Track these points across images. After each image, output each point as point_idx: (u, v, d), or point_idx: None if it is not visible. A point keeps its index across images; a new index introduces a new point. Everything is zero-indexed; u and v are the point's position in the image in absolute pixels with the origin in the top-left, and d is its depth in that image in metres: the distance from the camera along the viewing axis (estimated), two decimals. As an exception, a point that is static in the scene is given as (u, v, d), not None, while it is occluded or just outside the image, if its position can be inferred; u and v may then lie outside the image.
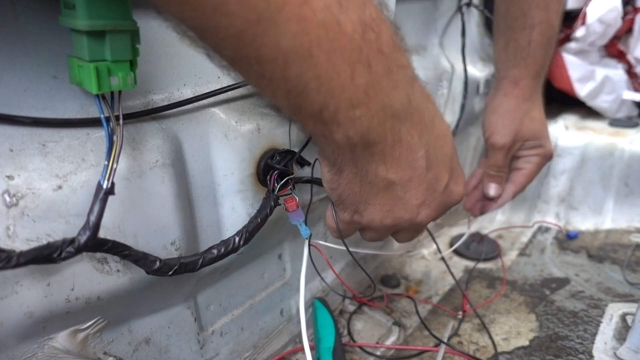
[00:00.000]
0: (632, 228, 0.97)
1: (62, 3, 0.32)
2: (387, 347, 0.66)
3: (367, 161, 0.35)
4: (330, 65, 0.28)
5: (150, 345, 0.48)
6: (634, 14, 1.10)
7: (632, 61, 1.13)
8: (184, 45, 0.43)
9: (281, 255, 0.64)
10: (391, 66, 0.31)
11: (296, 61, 0.28)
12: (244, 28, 0.26)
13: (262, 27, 0.26)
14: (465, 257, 0.90)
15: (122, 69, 0.33)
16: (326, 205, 0.46)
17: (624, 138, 1.00)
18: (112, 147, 0.33)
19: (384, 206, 0.39)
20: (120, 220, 0.38)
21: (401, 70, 0.32)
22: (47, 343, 0.39)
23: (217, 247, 0.44)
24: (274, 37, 0.26)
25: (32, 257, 0.30)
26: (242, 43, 0.27)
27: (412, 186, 0.37)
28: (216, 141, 0.45)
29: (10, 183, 0.32)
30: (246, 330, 0.60)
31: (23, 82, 0.34)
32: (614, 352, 0.59)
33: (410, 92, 0.34)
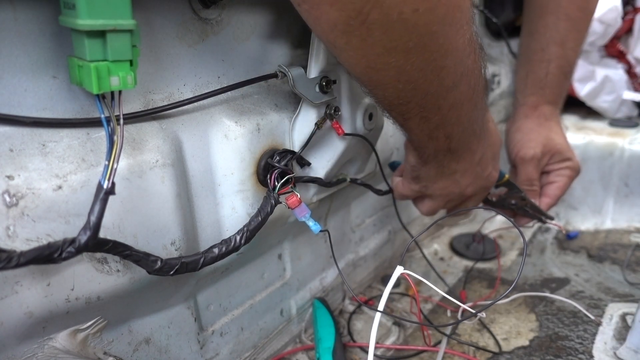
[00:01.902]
0: (632, 228, 0.97)
1: (62, 3, 0.32)
2: (387, 347, 0.66)
3: (447, 159, 0.52)
4: (467, 105, 0.45)
5: (150, 345, 0.48)
6: (634, 14, 1.10)
7: (632, 61, 1.13)
8: (184, 45, 0.43)
9: (281, 255, 0.64)
10: (481, 101, 0.47)
11: (455, 107, 0.44)
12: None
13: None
14: (465, 257, 0.90)
15: (122, 69, 0.33)
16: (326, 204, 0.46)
17: (624, 138, 1.00)
18: (113, 147, 0.33)
19: (445, 184, 0.56)
20: (121, 220, 0.38)
21: (482, 101, 0.47)
22: (47, 343, 0.39)
23: (218, 246, 0.44)
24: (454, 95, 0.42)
25: (33, 257, 0.30)
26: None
27: (467, 174, 0.55)
28: (216, 141, 0.45)
29: (10, 183, 0.32)
30: (246, 330, 0.60)
31: (23, 82, 0.34)
32: (614, 352, 0.59)
33: (483, 117, 0.51)
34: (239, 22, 0.48)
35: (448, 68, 0.38)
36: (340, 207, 0.73)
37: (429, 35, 0.34)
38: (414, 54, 0.35)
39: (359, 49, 0.34)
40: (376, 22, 0.31)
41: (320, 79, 0.48)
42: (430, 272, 0.85)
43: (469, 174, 0.55)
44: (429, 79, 0.38)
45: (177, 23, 0.42)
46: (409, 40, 0.34)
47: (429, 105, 0.42)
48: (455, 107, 0.43)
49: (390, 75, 0.37)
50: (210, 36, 0.45)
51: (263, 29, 0.50)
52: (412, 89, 0.39)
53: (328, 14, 0.32)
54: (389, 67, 0.36)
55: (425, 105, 0.42)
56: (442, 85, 0.40)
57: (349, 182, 0.61)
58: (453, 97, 0.42)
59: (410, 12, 0.32)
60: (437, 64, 0.37)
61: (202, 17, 0.44)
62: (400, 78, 0.38)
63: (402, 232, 0.93)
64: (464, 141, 0.50)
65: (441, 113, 0.43)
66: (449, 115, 0.44)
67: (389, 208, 0.87)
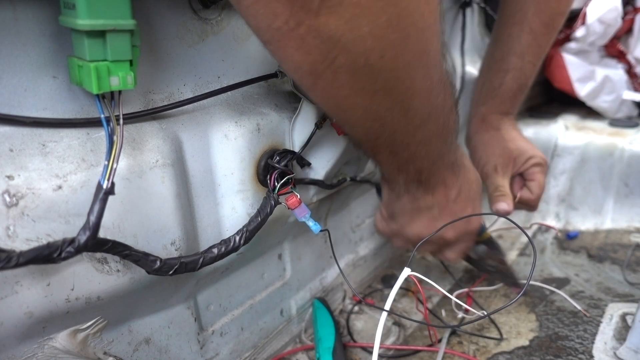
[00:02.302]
0: (632, 228, 0.97)
1: (62, 3, 0.32)
2: (387, 347, 0.66)
3: (420, 192, 0.52)
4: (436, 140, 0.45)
5: (150, 345, 0.48)
6: (634, 14, 1.10)
7: (632, 61, 1.13)
8: (184, 45, 0.43)
9: (281, 255, 0.64)
10: (452, 136, 0.48)
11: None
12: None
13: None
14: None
15: (122, 69, 0.33)
16: (326, 204, 0.46)
17: (624, 138, 1.00)
18: (112, 147, 0.33)
19: (422, 223, 0.56)
20: (120, 220, 0.38)
21: (452, 137, 0.48)
22: (47, 343, 0.39)
23: (218, 247, 0.44)
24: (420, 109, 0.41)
25: (32, 257, 0.30)
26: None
27: (444, 212, 0.54)
28: (216, 141, 0.45)
29: (10, 183, 0.32)
30: (246, 330, 0.60)
31: (23, 82, 0.34)
32: (614, 352, 0.59)
33: (456, 152, 0.52)
34: (239, 22, 0.48)
35: (415, 108, 0.39)
36: (340, 207, 0.73)
37: (394, 80, 0.35)
38: (381, 96, 0.36)
39: (326, 91, 0.35)
40: (343, 66, 0.32)
41: (320, 79, 0.48)
42: (430, 272, 0.85)
43: (446, 212, 0.54)
44: (396, 119, 0.39)
45: (177, 23, 0.42)
46: (375, 84, 0.34)
47: (397, 141, 0.43)
48: (424, 143, 0.44)
49: (358, 115, 0.38)
50: (210, 36, 0.45)
51: (263, 29, 0.50)
52: (380, 127, 0.40)
53: (293, 56, 0.31)
54: (356, 108, 0.37)
55: (393, 142, 0.43)
56: (410, 124, 0.41)
57: (349, 181, 0.61)
58: (421, 134, 0.43)
59: (376, 58, 0.32)
60: (404, 105, 0.38)
61: (202, 17, 0.44)
62: (367, 117, 0.39)
63: (402, 232, 0.93)
64: (435, 174, 0.50)
65: (410, 149, 0.44)
66: (417, 151, 0.45)
67: (389, 208, 0.87)
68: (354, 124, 0.41)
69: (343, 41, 0.30)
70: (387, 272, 0.85)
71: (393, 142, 0.43)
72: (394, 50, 0.32)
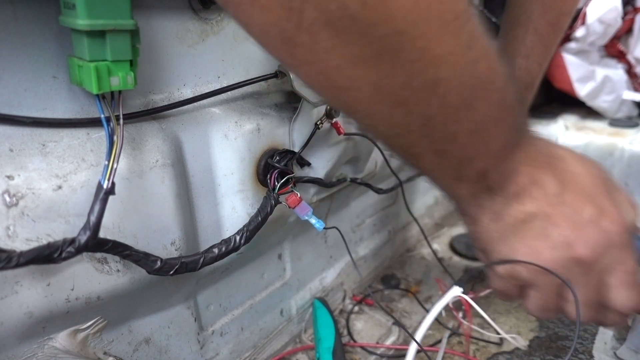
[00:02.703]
0: (632, 228, 0.97)
1: (62, 3, 0.32)
2: (387, 347, 0.66)
3: (499, 204, 0.36)
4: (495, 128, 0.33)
5: (150, 345, 0.48)
6: (634, 14, 1.10)
7: (632, 61, 1.13)
8: (184, 45, 0.44)
9: (281, 255, 0.64)
10: (517, 117, 0.34)
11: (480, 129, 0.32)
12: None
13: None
14: (465, 257, 0.90)
15: (122, 69, 0.33)
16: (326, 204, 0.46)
17: (624, 138, 1.00)
18: (112, 147, 0.33)
19: (530, 248, 0.36)
20: (120, 220, 0.38)
21: (520, 117, 0.35)
22: (47, 343, 0.39)
23: (218, 246, 0.44)
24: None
25: (33, 257, 0.30)
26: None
27: (556, 219, 0.35)
28: (216, 141, 0.45)
29: (10, 183, 0.32)
30: (246, 330, 0.60)
31: (23, 82, 0.34)
32: (614, 352, 0.59)
33: (531, 138, 0.36)
34: (239, 22, 0.48)
35: (446, 81, 0.29)
36: (340, 207, 0.73)
37: (395, 37, 0.25)
38: (387, 64, 0.26)
39: (310, 63, 0.27)
40: (316, 22, 0.24)
41: (320, 79, 0.48)
42: (430, 272, 0.85)
43: (558, 218, 0.35)
44: (424, 99, 0.29)
45: (177, 23, 0.42)
46: (370, 45, 0.25)
47: (438, 134, 0.31)
48: (477, 131, 0.32)
49: (366, 96, 0.28)
50: (210, 36, 0.45)
51: (263, 29, 0.50)
52: (405, 113, 0.29)
53: (253, 18, 0.25)
54: (359, 85, 0.27)
55: (432, 134, 0.31)
56: (447, 105, 0.30)
57: (349, 181, 0.61)
58: (468, 119, 0.31)
59: (357, 5, 0.23)
60: (426, 76, 0.28)
61: (202, 17, 0.44)
62: (381, 99, 0.28)
63: (402, 232, 0.93)
64: (510, 173, 0.35)
65: (459, 143, 0.32)
66: (471, 144, 0.32)
67: (389, 208, 0.87)
68: (367, 111, 0.30)
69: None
70: (387, 272, 0.85)
71: (432, 136, 0.31)
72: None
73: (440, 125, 0.31)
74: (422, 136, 0.31)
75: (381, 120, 0.31)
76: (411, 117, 0.30)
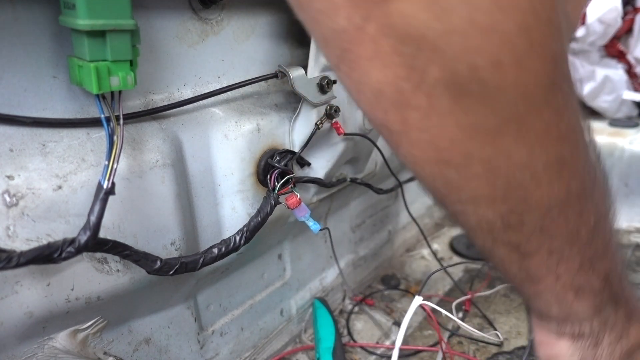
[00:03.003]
0: (632, 228, 0.97)
1: (62, 3, 0.32)
2: (387, 347, 0.66)
3: (622, 319, 0.30)
4: (605, 220, 0.29)
5: (150, 345, 0.48)
6: (634, 14, 1.10)
7: (632, 61, 1.13)
8: (184, 45, 0.44)
9: (281, 255, 0.64)
10: (611, 213, 0.30)
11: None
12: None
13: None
14: (465, 257, 0.90)
15: (122, 69, 0.33)
16: (326, 204, 0.46)
17: (624, 138, 1.00)
18: (112, 147, 0.33)
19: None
20: (121, 220, 0.38)
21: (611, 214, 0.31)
22: (47, 343, 0.39)
23: (218, 246, 0.44)
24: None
25: (33, 257, 0.30)
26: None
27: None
28: (216, 141, 0.45)
29: (10, 183, 0.32)
30: (246, 330, 0.60)
31: (23, 82, 0.34)
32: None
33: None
34: (239, 22, 0.48)
35: (571, 163, 0.25)
36: (340, 207, 0.73)
37: (523, 105, 0.22)
38: (508, 137, 0.23)
39: (422, 131, 0.23)
40: (439, 83, 0.21)
41: (320, 79, 0.48)
42: (430, 272, 0.85)
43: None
44: (544, 182, 0.24)
45: (177, 23, 0.42)
46: (493, 114, 0.22)
47: (558, 228, 0.26)
48: (599, 226, 0.27)
49: (476, 175, 0.24)
50: (210, 36, 0.45)
51: (263, 29, 0.50)
52: (521, 200, 0.25)
53: (369, 75, 0.22)
54: (472, 161, 0.23)
55: (550, 227, 0.26)
56: (570, 193, 0.25)
57: (349, 181, 0.61)
58: (590, 210, 0.27)
59: (490, 67, 0.20)
60: (550, 155, 0.24)
61: (202, 17, 0.44)
62: (494, 181, 0.24)
63: (402, 232, 0.93)
64: (627, 281, 0.31)
65: (582, 240, 0.27)
66: (594, 242, 0.28)
67: (389, 208, 0.87)
68: (474, 194, 0.25)
69: (430, 37, 0.20)
70: (387, 272, 0.85)
71: (550, 231, 0.26)
72: (516, 53, 0.20)
73: (562, 218, 0.26)
74: (538, 230, 0.26)
75: (488, 208, 0.26)
76: (527, 204, 0.25)
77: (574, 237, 0.27)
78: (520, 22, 0.20)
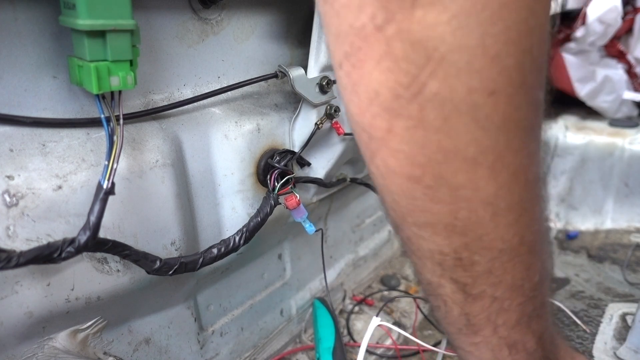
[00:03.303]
0: (632, 228, 0.97)
1: (62, 3, 0.32)
2: (387, 347, 0.66)
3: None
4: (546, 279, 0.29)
5: (150, 345, 0.48)
6: (634, 14, 1.10)
7: (632, 61, 1.13)
8: (184, 45, 0.43)
9: (281, 255, 0.64)
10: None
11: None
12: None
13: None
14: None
15: (122, 69, 0.33)
16: (326, 204, 0.46)
17: (624, 138, 1.00)
18: (112, 147, 0.33)
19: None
20: (120, 220, 0.38)
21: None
22: (47, 343, 0.39)
23: (217, 247, 0.44)
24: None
25: (33, 257, 0.30)
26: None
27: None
28: (216, 141, 0.45)
29: (10, 183, 0.32)
30: (246, 330, 0.60)
31: (23, 82, 0.34)
32: (614, 352, 0.59)
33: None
34: (239, 22, 0.48)
35: (529, 213, 0.25)
36: (340, 207, 0.73)
37: (507, 141, 0.22)
38: (482, 169, 0.23)
39: (403, 142, 0.23)
40: (433, 98, 0.21)
41: (320, 79, 0.48)
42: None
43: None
44: (502, 224, 0.25)
45: (177, 23, 0.42)
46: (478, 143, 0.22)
47: (503, 274, 0.26)
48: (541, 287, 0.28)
49: (443, 200, 0.24)
50: (210, 36, 0.45)
51: (263, 29, 0.50)
52: (477, 237, 0.25)
53: (370, 75, 0.22)
54: (442, 185, 0.24)
55: (497, 273, 0.26)
56: (523, 243, 0.26)
57: (349, 181, 0.61)
58: (535, 266, 0.27)
59: (485, 92, 0.21)
60: (515, 198, 0.24)
61: (202, 17, 0.44)
62: (457, 211, 0.24)
63: (402, 232, 0.93)
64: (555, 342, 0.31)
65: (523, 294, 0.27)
66: (534, 299, 0.28)
67: (389, 208, 0.87)
68: (434, 220, 0.25)
69: (441, 50, 0.20)
70: (387, 272, 0.85)
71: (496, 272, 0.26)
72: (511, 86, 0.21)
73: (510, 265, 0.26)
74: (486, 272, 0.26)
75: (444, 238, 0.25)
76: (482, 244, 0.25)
77: (518, 289, 0.27)
78: (518, 61, 0.21)
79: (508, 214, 0.24)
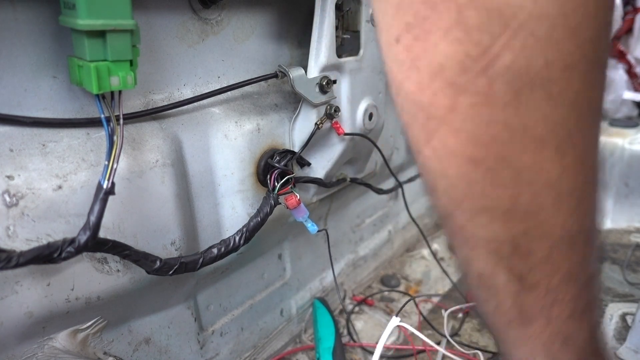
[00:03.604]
0: (632, 228, 0.97)
1: (62, 3, 0.32)
2: (387, 347, 0.66)
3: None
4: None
5: (150, 345, 0.48)
6: (634, 14, 1.10)
7: (632, 61, 1.13)
8: (184, 45, 0.43)
9: (281, 255, 0.64)
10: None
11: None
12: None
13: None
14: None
15: (122, 69, 0.33)
16: (326, 204, 0.46)
17: (624, 138, 1.00)
18: (112, 147, 0.33)
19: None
20: (120, 220, 0.38)
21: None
22: (47, 343, 0.39)
23: (217, 247, 0.44)
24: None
25: (33, 257, 0.30)
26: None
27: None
28: (216, 141, 0.45)
29: (10, 183, 0.32)
30: (246, 330, 0.60)
31: (23, 82, 0.34)
32: (614, 352, 0.59)
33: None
34: (239, 22, 0.48)
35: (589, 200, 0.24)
36: (340, 207, 0.73)
37: (576, 121, 0.21)
38: (549, 149, 0.22)
39: (467, 120, 0.21)
40: (506, 72, 0.20)
41: (320, 79, 0.48)
42: (430, 272, 0.85)
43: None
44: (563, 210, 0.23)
45: (177, 23, 0.42)
46: (547, 122, 0.21)
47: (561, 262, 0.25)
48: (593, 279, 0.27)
49: (504, 184, 0.23)
50: (210, 36, 0.45)
51: (263, 29, 0.50)
52: (537, 223, 0.24)
53: (436, 48, 0.21)
54: (505, 166, 0.22)
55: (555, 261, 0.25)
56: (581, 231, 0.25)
57: (349, 181, 0.61)
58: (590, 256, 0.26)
59: (561, 67, 0.20)
60: (578, 183, 0.23)
61: (202, 17, 0.44)
62: (518, 195, 0.23)
63: (402, 232, 0.93)
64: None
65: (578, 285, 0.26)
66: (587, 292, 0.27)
67: (389, 208, 0.87)
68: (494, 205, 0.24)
69: (520, 18, 0.19)
70: (387, 272, 0.85)
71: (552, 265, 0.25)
72: (587, 61, 0.20)
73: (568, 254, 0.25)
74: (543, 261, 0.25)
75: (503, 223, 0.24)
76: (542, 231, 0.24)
77: (573, 281, 0.26)
78: (595, 35, 0.20)
79: (570, 199, 0.23)
